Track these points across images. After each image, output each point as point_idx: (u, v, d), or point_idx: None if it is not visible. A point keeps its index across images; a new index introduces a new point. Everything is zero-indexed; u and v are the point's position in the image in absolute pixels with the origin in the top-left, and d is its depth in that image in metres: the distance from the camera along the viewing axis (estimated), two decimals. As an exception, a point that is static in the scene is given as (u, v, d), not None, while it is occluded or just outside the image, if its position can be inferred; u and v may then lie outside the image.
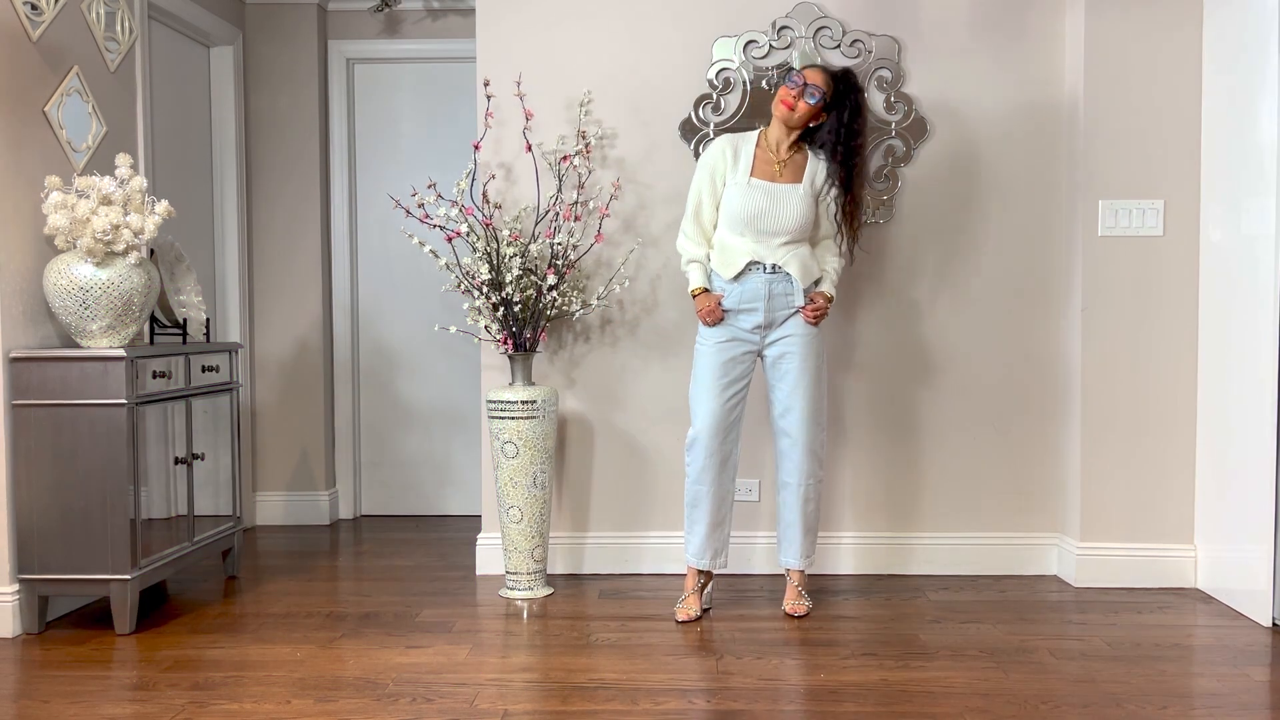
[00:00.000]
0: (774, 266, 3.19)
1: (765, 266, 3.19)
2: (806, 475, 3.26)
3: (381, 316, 4.86)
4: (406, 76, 4.80)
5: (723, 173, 3.23)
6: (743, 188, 3.19)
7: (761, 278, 3.19)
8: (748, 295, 3.20)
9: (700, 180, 3.26)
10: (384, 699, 2.57)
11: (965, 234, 3.71)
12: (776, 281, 3.20)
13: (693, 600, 3.28)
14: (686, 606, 3.25)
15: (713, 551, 3.32)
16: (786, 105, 3.15)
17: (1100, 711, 2.48)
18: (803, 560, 3.33)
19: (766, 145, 3.25)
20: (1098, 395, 3.57)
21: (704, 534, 3.29)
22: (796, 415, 3.23)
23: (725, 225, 3.23)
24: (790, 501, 3.29)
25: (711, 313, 3.21)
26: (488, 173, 3.71)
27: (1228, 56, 3.37)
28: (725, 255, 3.22)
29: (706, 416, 3.23)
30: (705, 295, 3.23)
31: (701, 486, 3.27)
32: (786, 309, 3.22)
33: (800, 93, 3.13)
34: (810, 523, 3.31)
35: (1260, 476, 3.16)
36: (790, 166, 3.23)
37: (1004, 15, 3.67)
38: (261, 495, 4.70)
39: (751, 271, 3.20)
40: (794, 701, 2.55)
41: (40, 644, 3.02)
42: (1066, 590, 3.55)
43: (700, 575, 3.32)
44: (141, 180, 3.14)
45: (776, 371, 3.26)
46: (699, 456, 3.25)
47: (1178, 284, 3.56)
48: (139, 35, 3.69)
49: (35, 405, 3.06)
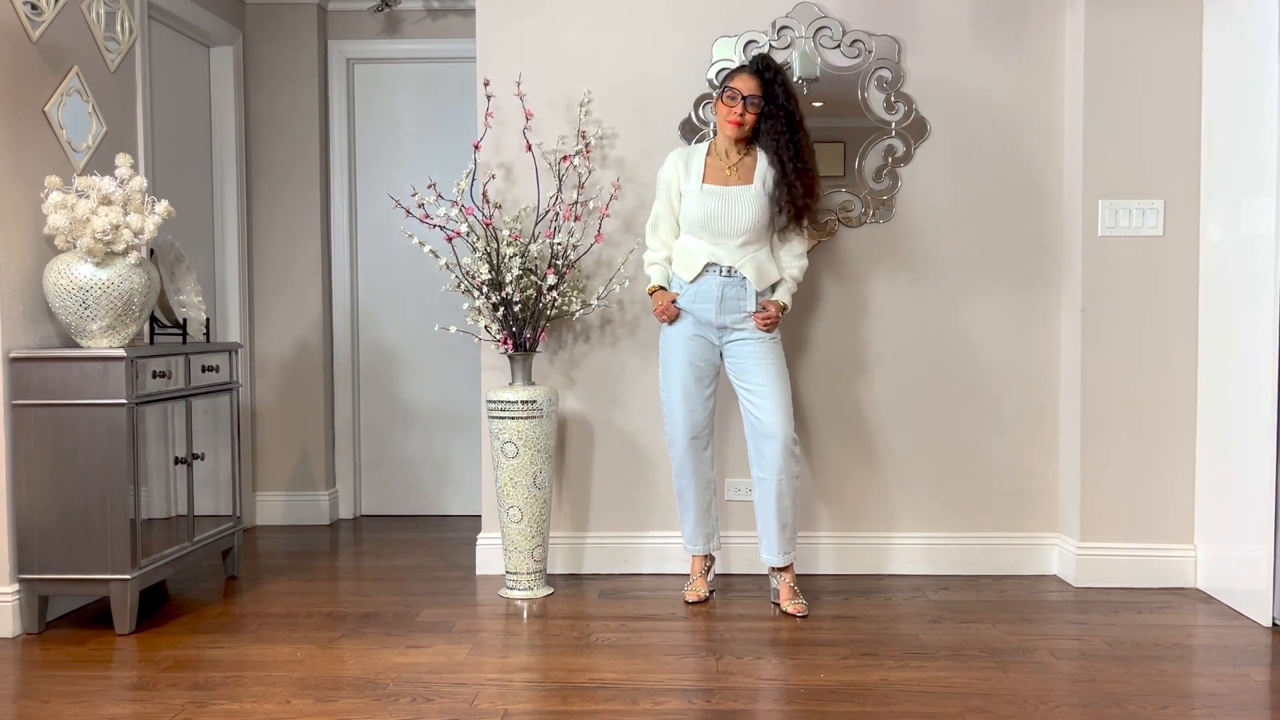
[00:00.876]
0: (730, 269, 3.28)
1: (721, 269, 3.28)
2: (780, 470, 3.29)
3: (381, 316, 4.86)
4: (406, 76, 4.80)
5: (677, 185, 3.35)
6: (696, 195, 3.30)
7: (716, 280, 3.29)
8: (701, 296, 3.30)
9: (659, 196, 3.40)
10: (384, 699, 2.57)
11: (965, 234, 3.71)
12: (730, 285, 3.28)
13: (700, 583, 3.47)
14: (695, 588, 3.45)
15: (705, 536, 3.50)
16: (734, 124, 3.25)
17: (1100, 711, 2.48)
18: (781, 556, 3.36)
19: (717, 153, 3.36)
20: (1098, 395, 3.57)
21: (694, 520, 3.48)
22: (765, 412, 3.28)
23: (685, 230, 3.35)
24: (766, 497, 3.33)
25: (665, 310, 3.33)
26: (488, 173, 3.71)
27: (1228, 56, 3.37)
28: (685, 257, 3.33)
29: (682, 418, 3.38)
30: (661, 293, 3.36)
31: (684, 480, 3.44)
32: (737, 313, 3.30)
33: (743, 109, 3.24)
34: (786, 518, 3.34)
35: (1260, 476, 3.16)
36: (741, 169, 3.33)
37: (1004, 15, 3.67)
38: (261, 495, 4.70)
39: (708, 273, 3.29)
40: (794, 701, 2.55)
41: (40, 644, 3.02)
42: (1066, 590, 3.55)
43: (704, 560, 3.52)
44: (141, 180, 3.14)
45: (738, 372, 3.34)
46: (678, 454, 3.42)
47: (1178, 284, 3.56)
48: (139, 35, 3.69)
49: (35, 405, 3.06)
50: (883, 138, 3.68)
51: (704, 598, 3.43)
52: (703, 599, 3.42)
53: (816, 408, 3.74)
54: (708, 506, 3.48)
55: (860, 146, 3.70)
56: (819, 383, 3.74)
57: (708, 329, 3.32)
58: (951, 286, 3.72)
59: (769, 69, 3.27)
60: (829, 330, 3.73)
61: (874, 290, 3.73)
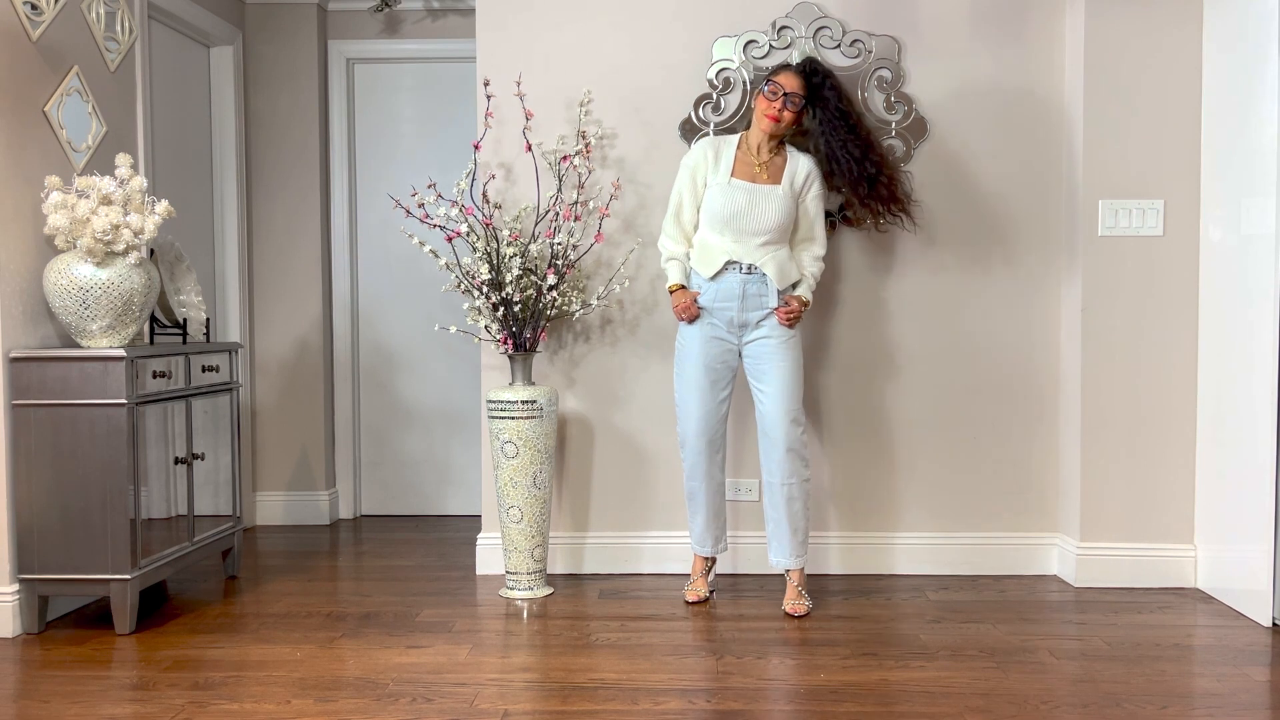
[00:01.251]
0: (750, 267, 3.25)
1: (742, 266, 3.25)
2: (788, 474, 3.29)
3: (381, 316, 4.86)
4: (406, 76, 4.80)
5: (704, 174, 3.30)
6: (723, 188, 3.26)
7: (737, 277, 3.25)
8: (723, 294, 3.27)
9: (682, 181, 3.34)
10: (384, 699, 2.57)
11: (965, 234, 3.71)
12: (752, 282, 3.25)
13: (700, 583, 3.46)
14: (695, 588, 3.44)
15: (714, 538, 3.49)
16: (772, 119, 3.23)
17: (1100, 711, 2.48)
18: (793, 559, 3.35)
19: (747, 148, 3.32)
20: (1098, 395, 3.57)
21: (704, 523, 3.46)
22: (773, 415, 3.28)
23: (706, 225, 3.30)
24: (776, 501, 3.33)
25: (687, 309, 3.29)
26: (488, 173, 3.71)
27: (1228, 57, 3.37)
28: (704, 254, 3.29)
29: (696, 420, 3.35)
30: (682, 292, 3.32)
31: (695, 481, 3.42)
32: (760, 309, 3.27)
33: (782, 104, 3.21)
34: (797, 522, 3.33)
35: (1260, 476, 3.16)
36: (770, 168, 3.30)
37: (1004, 15, 3.67)
38: (261, 495, 4.70)
39: (729, 271, 3.26)
40: (794, 701, 2.55)
41: (40, 644, 3.02)
42: (1066, 590, 3.55)
43: (705, 560, 3.50)
44: (141, 180, 3.14)
45: (754, 372, 3.32)
46: (690, 454, 3.39)
47: (1178, 284, 3.56)
48: (139, 35, 3.69)
49: (35, 405, 3.06)
50: (883, 138, 3.68)
51: (704, 598, 3.43)
52: (703, 599, 3.43)
53: (816, 408, 3.74)
54: (719, 509, 3.47)
55: (860, 146, 3.70)
56: (819, 382, 3.74)
57: (728, 329, 3.29)
58: (951, 286, 3.72)
59: (816, 72, 3.29)
60: (829, 330, 3.73)
61: (874, 290, 3.73)
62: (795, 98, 3.22)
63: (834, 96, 3.28)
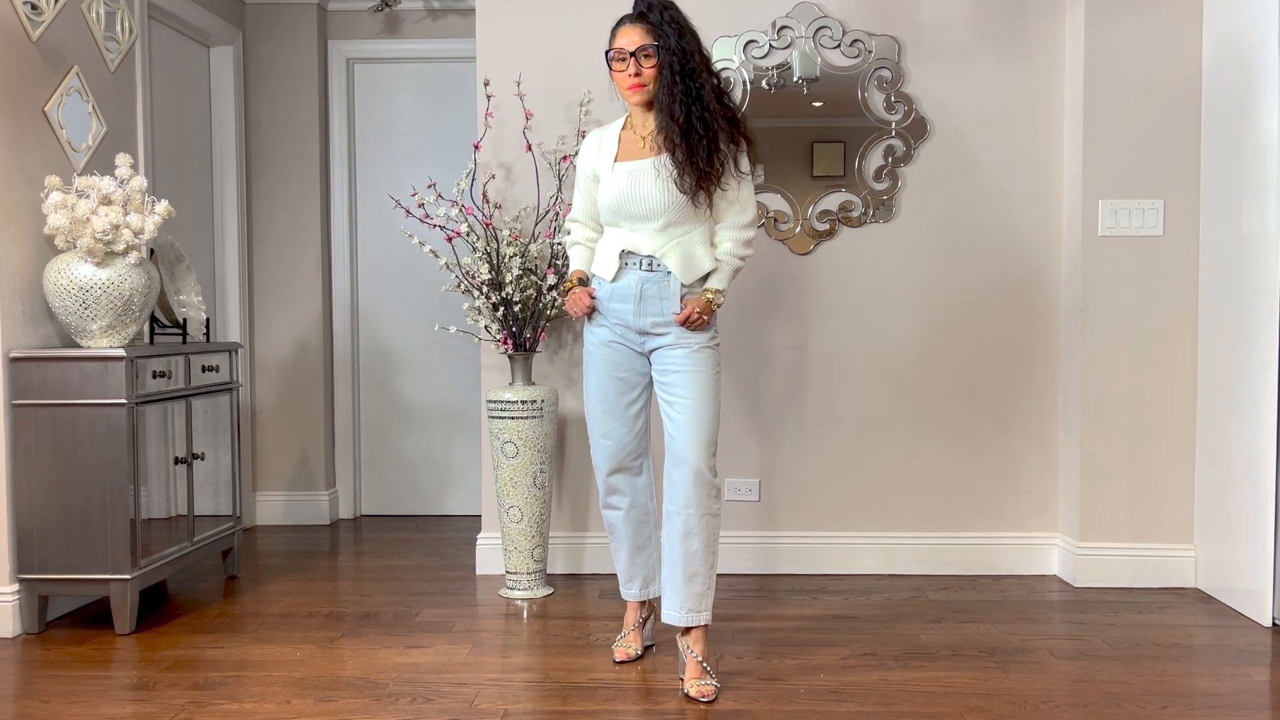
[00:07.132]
0: (651, 262, 2.66)
1: (640, 261, 2.67)
2: (687, 502, 2.64)
3: (381, 316, 4.86)
4: (406, 76, 4.80)
5: (592, 170, 2.79)
6: (608, 176, 2.72)
7: (635, 274, 2.68)
8: (617, 293, 2.70)
9: (577, 188, 2.87)
10: (384, 699, 2.57)
11: (965, 234, 3.71)
12: (651, 281, 2.66)
13: (632, 637, 2.88)
14: (625, 644, 2.87)
15: (642, 579, 2.89)
16: (634, 87, 2.66)
17: (1100, 711, 2.48)
18: (683, 613, 2.66)
19: (631, 126, 2.76)
20: (1098, 395, 3.57)
21: (626, 559, 2.88)
22: (679, 431, 2.65)
23: (604, 222, 2.78)
24: (671, 535, 2.67)
25: (577, 301, 2.75)
26: (488, 173, 3.71)
27: (1228, 56, 3.37)
28: (602, 251, 2.76)
29: (601, 437, 2.79)
30: (577, 286, 2.78)
31: (609, 510, 2.87)
32: (659, 315, 2.68)
33: (636, 66, 2.64)
34: (694, 565, 2.65)
35: (1260, 476, 3.16)
36: (655, 139, 2.68)
37: (1004, 15, 3.67)
38: (261, 495, 4.70)
39: (628, 268, 2.69)
40: (794, 701, 2.55)
41: (40, 644, 3.02)
42: (1066, 590, 3.55)
43: (641, 608, 2.92)
44: (141, 180, 3.14)
45: (662, 385, 2.72)
46: (599, 475, 2.84)
47: (1178, 284, 3.56)
48: (139, 35, 3.69)
49: (35, 405, 3.06)
50: (883, 138, 3.68)
51: (634, 656, 2.84)
52: (633, 658, 2.83)
53: (817, 408, 3.74)
54: (644, 544, 2.87)
55: (860, 146, 3.70)
56: (819, 383, 3.74)
57: (629, 334, 2.72)
58: (951, 286, 3.72)
59: (652, 8, 2.65)
60: (829, 330, 3.73)
61: (874, 290, 3.73)
62: (645, 49, 2.62)
63: (674, 34, 2.63)
